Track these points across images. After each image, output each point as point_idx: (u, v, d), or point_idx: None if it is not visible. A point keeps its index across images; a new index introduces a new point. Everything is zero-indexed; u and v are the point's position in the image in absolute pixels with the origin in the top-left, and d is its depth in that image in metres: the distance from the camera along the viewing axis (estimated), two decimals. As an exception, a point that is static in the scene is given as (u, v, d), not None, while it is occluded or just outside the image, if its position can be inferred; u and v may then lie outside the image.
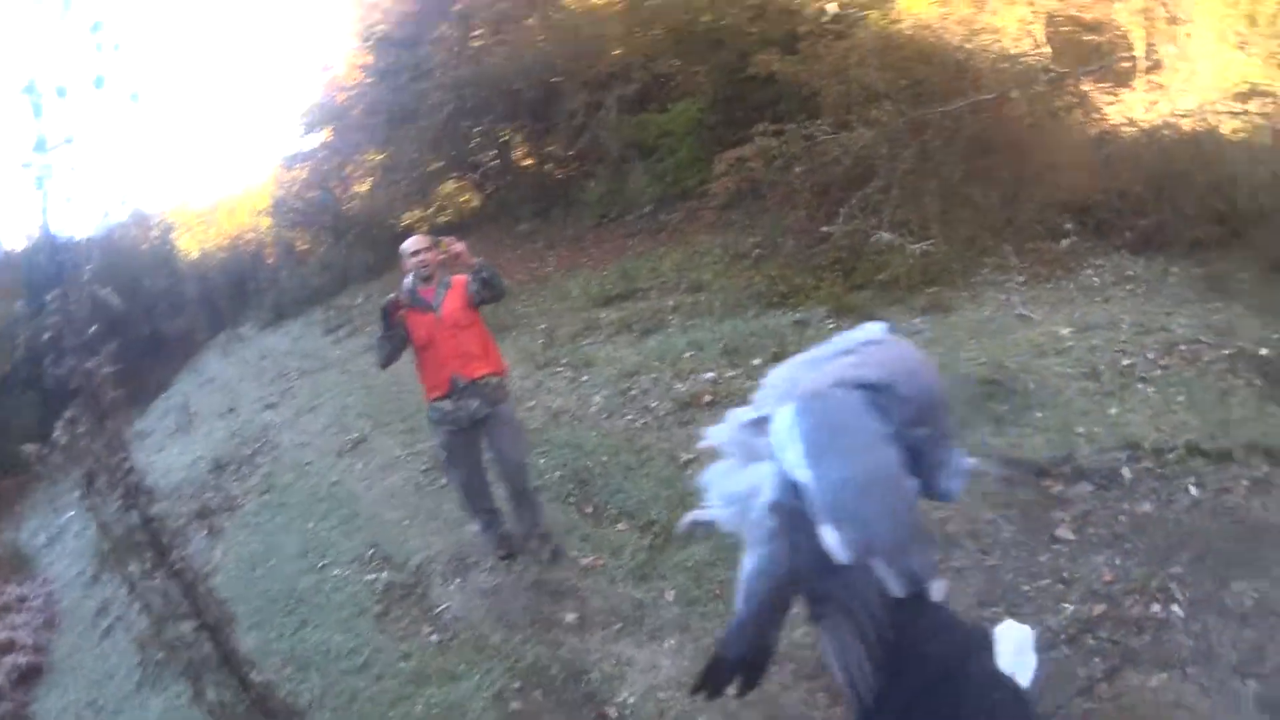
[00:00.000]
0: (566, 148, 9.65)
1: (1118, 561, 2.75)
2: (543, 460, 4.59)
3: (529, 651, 3.22)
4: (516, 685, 3.02)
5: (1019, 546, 2.90)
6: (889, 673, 0.61)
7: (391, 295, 3.40)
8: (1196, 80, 5.58)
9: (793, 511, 0.64)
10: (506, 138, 10.72)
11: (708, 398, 4.61)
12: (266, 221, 14.14)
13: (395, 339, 3.39)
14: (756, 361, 4.81)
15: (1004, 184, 5.76)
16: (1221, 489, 2.94)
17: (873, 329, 0.77)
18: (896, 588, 0.62)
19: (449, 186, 11.72)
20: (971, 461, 0.70)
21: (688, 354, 5.28)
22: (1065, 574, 2.73)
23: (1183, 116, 5.46)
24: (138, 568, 2.31)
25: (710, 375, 4.85)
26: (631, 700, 2.94)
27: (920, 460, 0.68)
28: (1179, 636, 2.43)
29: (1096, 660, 2.43)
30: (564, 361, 6.15)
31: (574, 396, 5.42)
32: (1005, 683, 0.58)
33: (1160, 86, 5.80)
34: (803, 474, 0.65)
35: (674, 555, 3.51)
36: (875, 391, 0.67)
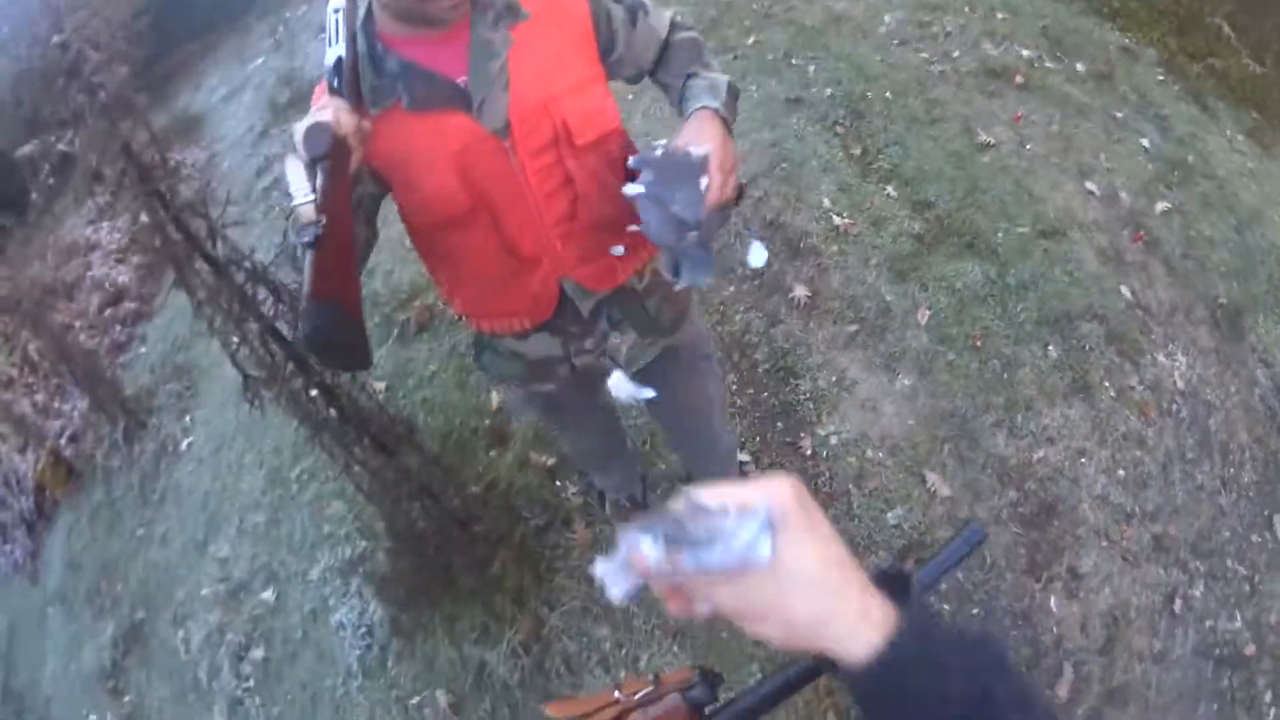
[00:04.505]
0: None
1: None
2: (812, 68, 3.96)
3: (737, 319, 2.71)
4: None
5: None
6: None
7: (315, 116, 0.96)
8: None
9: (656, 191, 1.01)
10: None
11: (1019, 78, 4.05)
12: None
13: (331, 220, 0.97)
14: (1080, 67, 4.23)
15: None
16: None
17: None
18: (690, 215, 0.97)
19: None
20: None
21: (1001, 15, 4.53)
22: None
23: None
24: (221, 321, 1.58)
25: (1028, 54, 4.23)
26: (833, 441, 2.39)
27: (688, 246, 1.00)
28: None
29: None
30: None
31: (861, 5, 4.59)
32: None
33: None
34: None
35: (943, 264, 2.87)
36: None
